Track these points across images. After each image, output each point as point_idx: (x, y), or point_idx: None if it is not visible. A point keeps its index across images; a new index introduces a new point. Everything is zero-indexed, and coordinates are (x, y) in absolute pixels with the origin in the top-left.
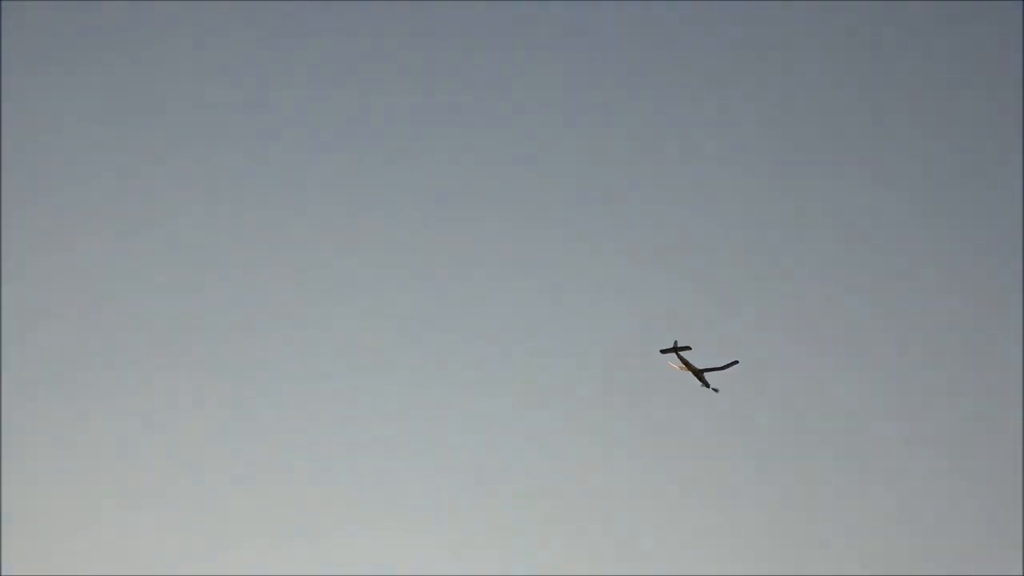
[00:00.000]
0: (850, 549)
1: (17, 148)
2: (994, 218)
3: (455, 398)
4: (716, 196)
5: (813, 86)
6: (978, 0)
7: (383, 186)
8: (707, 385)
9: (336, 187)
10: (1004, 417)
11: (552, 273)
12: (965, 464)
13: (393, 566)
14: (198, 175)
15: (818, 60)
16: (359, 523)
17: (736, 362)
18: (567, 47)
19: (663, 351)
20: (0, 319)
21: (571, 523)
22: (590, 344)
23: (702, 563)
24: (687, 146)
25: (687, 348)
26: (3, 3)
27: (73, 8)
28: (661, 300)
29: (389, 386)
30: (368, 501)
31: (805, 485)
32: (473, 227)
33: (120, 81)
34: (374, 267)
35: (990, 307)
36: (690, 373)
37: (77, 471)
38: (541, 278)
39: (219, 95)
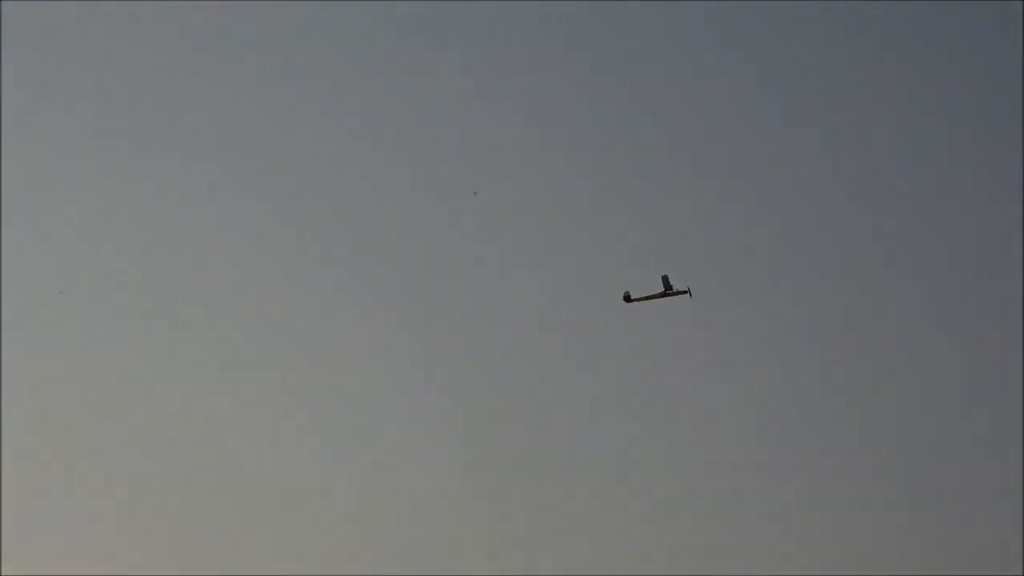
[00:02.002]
0: (849, 549)
1: (17, 148)
2: (994, 218)
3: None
4: (712, 196)
5: (811, 85)
6: (978, 0)
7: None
8: (682, 292)
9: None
10: (1004, 415)
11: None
12: (965, 463)
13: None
14: (198, 173)
15: (817, 59)
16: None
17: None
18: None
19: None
20: (0, 318)
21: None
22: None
23: (701, 561)
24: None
25: (628, 295)
26: (3, 3)
27: (73, 8)
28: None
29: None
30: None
31: (804, 484)
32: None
33: (119, 81)
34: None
35: (990, 307)
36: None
37: (77, 470)
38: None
39: (218, 94)
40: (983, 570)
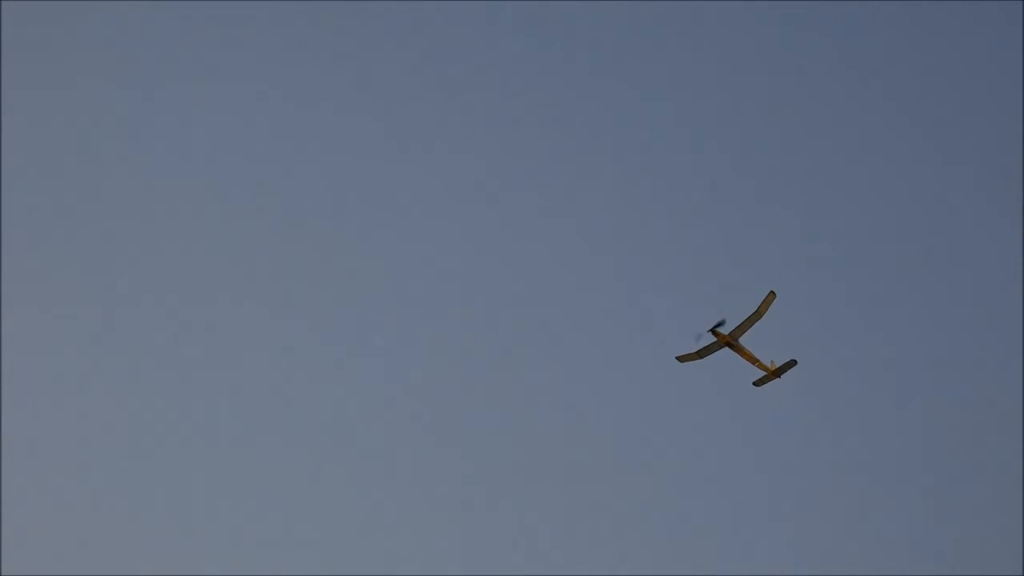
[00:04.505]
0: (848, 548)
1: (17, 148)
2: (994, 217)
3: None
4: (713, 197)
5: (811, 86)
6: (978, 0)
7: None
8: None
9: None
10: (1004, 416)
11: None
12: (964, 461)
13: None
14: (198, 172)
15: (817, 60)
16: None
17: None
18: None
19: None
20: (0, 317)
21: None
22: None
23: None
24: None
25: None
26: (3, 3)
27: (73, 8)
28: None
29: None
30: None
31: (804, 484)
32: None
33: (120, 81)
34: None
35: (990, 307)
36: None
37: (78, 469)
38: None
39: (219, 95)
40: (983, 570)
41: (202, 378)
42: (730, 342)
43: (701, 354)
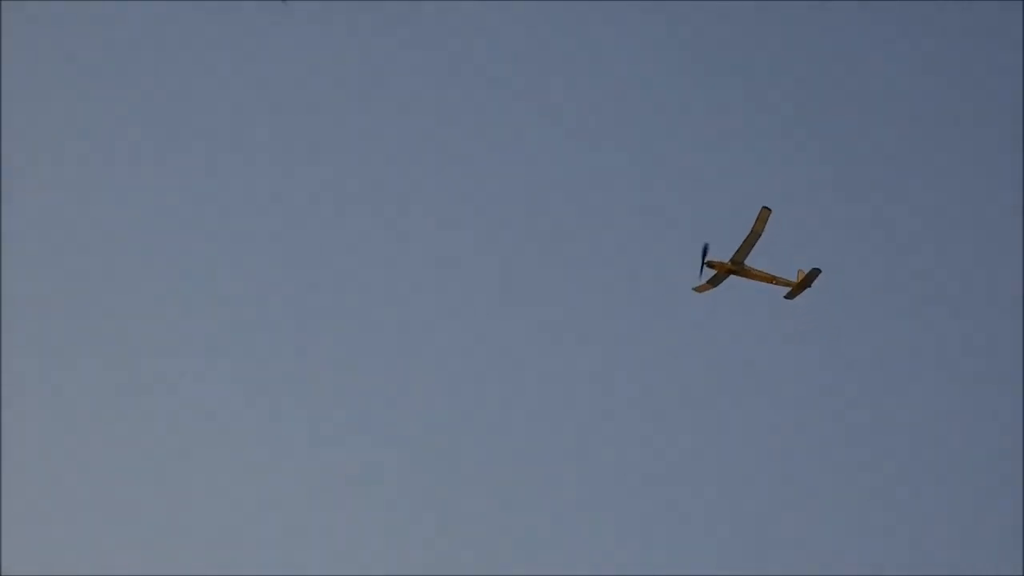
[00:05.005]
0: (848, 548)
1: (17, 149)
2: (993, 220)
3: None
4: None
5: (809, 86)
6: (978, 0)
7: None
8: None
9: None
10: (1004, 415)
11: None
12: (964, 462)
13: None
14: (198, 174)
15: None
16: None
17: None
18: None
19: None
20: (0, 316)
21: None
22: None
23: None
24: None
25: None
26: (3, 3)
27: (74, 8)
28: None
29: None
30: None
31: (804, 483)
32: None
33: (120, 82)
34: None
35: (990, 307)
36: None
37: (77, 470)
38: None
39: (219, 96)
40: (983, 570)
41: (203, 377)
42: (733, 269)
43: (714, 282)
